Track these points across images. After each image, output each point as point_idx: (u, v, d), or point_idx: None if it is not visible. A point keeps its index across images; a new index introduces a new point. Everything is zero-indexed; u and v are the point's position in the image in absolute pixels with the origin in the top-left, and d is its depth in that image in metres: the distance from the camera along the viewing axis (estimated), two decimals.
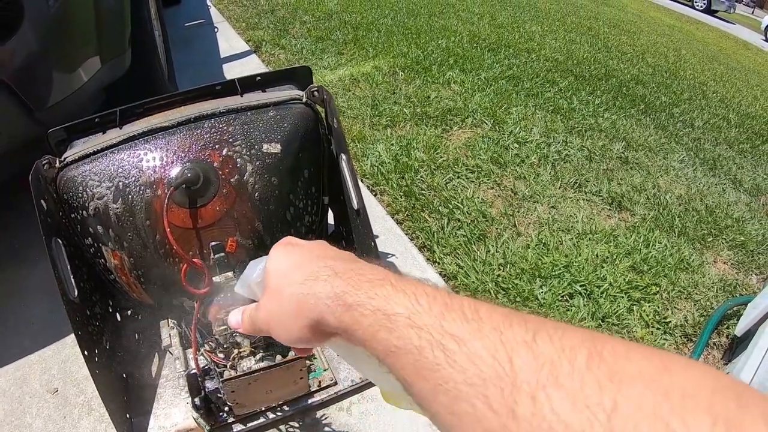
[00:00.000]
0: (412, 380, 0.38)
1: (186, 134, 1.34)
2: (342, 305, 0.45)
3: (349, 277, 0.47)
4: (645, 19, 11.79)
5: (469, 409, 0.33)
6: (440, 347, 0.36)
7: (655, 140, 3.71)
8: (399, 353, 0.39)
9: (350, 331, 0.44)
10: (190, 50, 4.31)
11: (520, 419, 0.30)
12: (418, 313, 0.40)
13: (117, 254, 1.33)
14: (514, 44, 5.49)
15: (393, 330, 0.40)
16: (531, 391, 0.31)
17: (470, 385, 0.33)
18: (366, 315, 0.43)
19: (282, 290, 0.52)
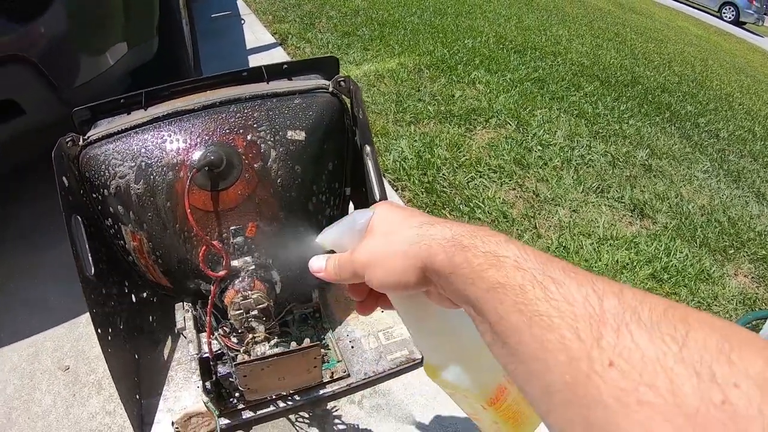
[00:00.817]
0: (508, 314, 0.42)
1: (211, 118, 1.33)
2: (457, 245, 0.49)
3: (465, 227, 0.51)
4: (672, 27, 11.70)
5: (559, 339, 0.37)
6: (541, 286, 0.41)
7: (680, 149, 3.67)
8: (502, 289, 0.43)
9: (458, 270, 0.48)
10: (216, 41, 4.33)
11: (604, 347, 0.34)
12: (524, 259, 0.45)
13: (136, 235, 1.33)
14: (540, 47, 5.46)
15: (500, 269, 0.44)
16: (616, 326, 0.35)
17: (563, 319, 0.38)
18: (477, 255, 0.47)
19: (395, 233, 0.56)
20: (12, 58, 1.51)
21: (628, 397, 0.32)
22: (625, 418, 0.32)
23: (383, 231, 0.58)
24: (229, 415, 1.36)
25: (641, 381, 0.32)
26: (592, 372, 0.34)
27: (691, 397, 0.30)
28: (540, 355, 0.39)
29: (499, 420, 0.71)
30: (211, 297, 1.19)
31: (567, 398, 0.36)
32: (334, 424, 1.40)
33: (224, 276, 1.19)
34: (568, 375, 0.36)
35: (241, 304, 1.16)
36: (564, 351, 0.37)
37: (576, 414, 0.35)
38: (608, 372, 0.33)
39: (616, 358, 0.34)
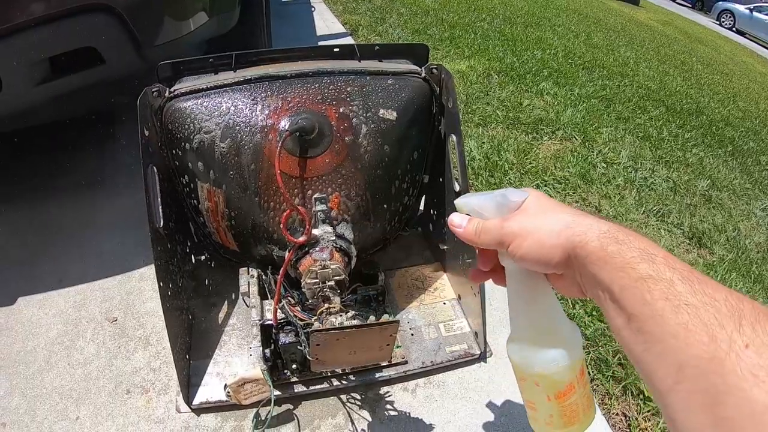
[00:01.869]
0: (654, 300, 0.48)
1: (304, 86, 1.32)
2: (612, 238, 0.55)
3: (617, 225, 0.57)
4: (738, 63, 11.51)
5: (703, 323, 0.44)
6: (689, 283, 0.47)
7: (740, 184, 3.59)
8: (651, 281, 0.49)
9: (609, 259, 0.53)
10: (287, 24, 4.39)
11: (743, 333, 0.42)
12: (673, 260, 0.51)
13: (213, 194, 1.33)
14: (608, 66, 5.40)
15: (652, 264, 0.50)
16: (752, 321, 0.42)
17: (707, 310, 0.44)
18: (631, 249, 0.52)
19: (549, 213, 0.63)
20: (100, 6, 1.52)
21: (760, 371, 0.39)
22: (755, 386, 0.39)
23: (537, 211, 0.64)
24: (282, 387, 1.34)
25: None
26: (731, 350, 0.41)
27: None
28: (682, 334, 0.45)
29: (555, 414, 0.76)
30: (285, 263, 1.18)
31: (702, 371, 0.42)
32: (385, 409, 1.38)
33: (304, 243, 1.18)
34: (706, 352, 0.42)
35: (319, 273, 1.15)
36: (707, 332, 0.43)
37: (708, 383, 0.42)
38: (745, 352, 0.40)
39: (752, 342, 0.41)
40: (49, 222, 1.91)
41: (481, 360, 1.52)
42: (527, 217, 0.64)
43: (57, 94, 1.61)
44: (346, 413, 1.37)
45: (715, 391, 0.41)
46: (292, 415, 1.34)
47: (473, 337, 1.54)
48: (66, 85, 1.60)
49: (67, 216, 1.94)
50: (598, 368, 1.60)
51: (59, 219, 1.93)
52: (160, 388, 1.39)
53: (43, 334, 1.52)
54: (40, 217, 1.93)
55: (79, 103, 1.78)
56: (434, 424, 1.36)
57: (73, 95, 1.66)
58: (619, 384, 1.55)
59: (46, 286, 1.67)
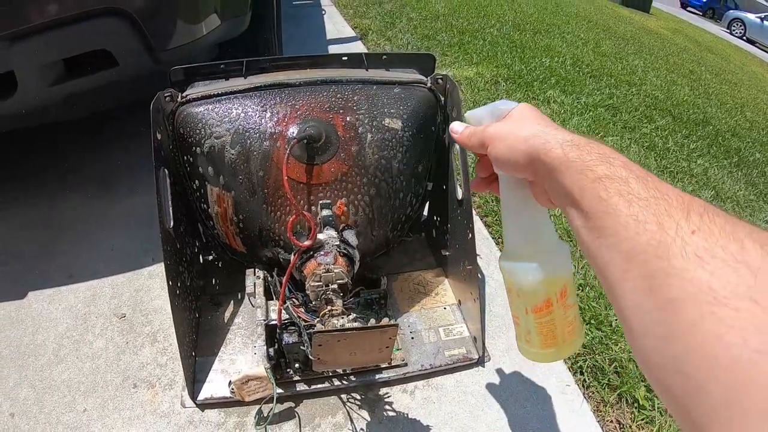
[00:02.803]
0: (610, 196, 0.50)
1: (312, 94, 1.36)
2: (574, 145, 0.57)
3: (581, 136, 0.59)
4: (747, 72, 11.49)
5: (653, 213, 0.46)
6: (643, 180, 0.50)
7: (744, 195, 3.60)
8: (608, 180, 0.51)
9: (570, 163, 0.56)
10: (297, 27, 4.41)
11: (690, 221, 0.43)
12: (630, 163, 0.53)
13: (222, 199, 1.37)
14: (615, 74, 5.40)
15: (610, 166, 0.52)
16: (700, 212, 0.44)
17: (658, 202, 0.46)
18: (591, 153, 0.55)
19: (525, 122, 0.67)
20: (114, 10, 1.56)
21: (704, 253, 0.40)
22: (699, 266, 0.39)
23: (518, 117, 0.69)
24: (284, 385, 1.38)
25: (717, 243, 0.40)
26: (677, 236, 0.42)
27: (755, 258, 0.38)
28: (632, 226, 0.46)
29: (532, 329, 0.79)
30: (290, 266, 1.22)
31: (649, 256, 0.44)
32: (384, 409, 1.41)
33: (309, 247, 1.21)
34: (654, 239, 0.44)
35: (323, 277, 1.18)
36: (656, 222, 0.45)
37: (654, 267, 0.43)
38: (691, 237, 0.42)
39: (699, 229, 0.42)
40: (60, 218, 1.95)
41: (479, 364, 1.55)
42: (507, 123, 0.69)
43: (70, 95, 1.65)
44: (345, 412, 1.40)
45: (661, 274, 0.42)
46: (293, 413, 1.38)
47: (472, 342, 1.57)
48: (79, 86, 1.65)
49: (78, 213, 1.98)
50: (594, 376, 1.63)
51: (71, 215, 1.96)
52: (165, 383, 1.42)
53: (53, 328, 1.55)
54: (52, 213, 1.97)
55: (91, 104, 1.81)
56: (432, 426, 1.39)
57: (86, 96, 1.70)
58: (614, 392, 1.57)
59: (56, 281, 1.70)
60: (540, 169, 0.61)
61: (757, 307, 0.35)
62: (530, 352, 0.82)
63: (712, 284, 0.38)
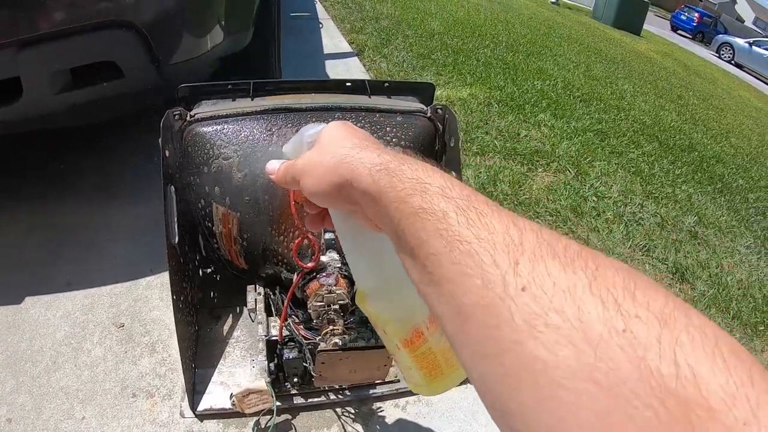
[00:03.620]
0: (430, 238, 0.43)
1: (318, 119, 1.41)
2: (383, 170, 0.50)
3: (394, 155, 0.52)
4: (734, 97, 11.63)
5: (477, 263, 0.38)
6: (464, 214, 0.42)
7: (726, 221, 3.68)
8: (425, 214, 0.44)
9: (381, 193, 0.49)
10: (294, 40, 4.43)
11: (519, 274, 0.36)
12: (450, 188, 0.45)
13: (227, 219, 1.41)
14: (605, 99, 5.51)
15: (425, 195, 0.45)
16: (532, 257, 0.36)
17: (481, 245, 0.39)
18: (403, 180, 0.48)
19: (328, 148, 0.58)
20: (122, 23, 1.60)
21: (536, 320, 0.33)
22: (532, 339, 0.33)
23: (322, 144, 0.60)
24: (282, 398, 1.42)
25: (551, 306, 0.33)
26: (506, 296, 0.36)
27: (596, 324, 0.32)
28: (457, 279, 0.40)
29: (411, 365, 0.72)
30: (293, 286, 1.26)
31: (479, 320, 0.37)
32: (377, 423, 1.46)
33: (312, 268, 1.26)
34: (482, 298, 0.37)
35: (325, 297, 1.23)
36: (480, 275, 0.38)
37: (486, 335, 0.37)
38: (521, 296, 0.35)
39: (529, 284, 0.35)
40: (61, 225, 1.97)
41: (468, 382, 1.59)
42: (314, 152, 0.61)
43: (75, 104, 1.68)
44: (340, 425, 1.44)
45: (493, 346, 0.37)
46: (290, 425, 1.42)
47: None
48: (85, 95, 1.68)
49: (78, 220, 2.00)
50: None
51: (71, 222, 1.98)
52: (164, 394, 1.45)
53: (50, 335, 1.57)
54: (53, 219, 1.99)
55: (95, 113, 1.86)
56: None
57: (90, 105, 1.73)
58: None
59: (54, 288, 1.71)
60: (355, 198, 0.55)
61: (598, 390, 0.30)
62: (419, 387, 0.76)
63: (548, 361, 0.32)
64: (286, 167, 0.65)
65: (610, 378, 0.30)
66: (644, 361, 0.29)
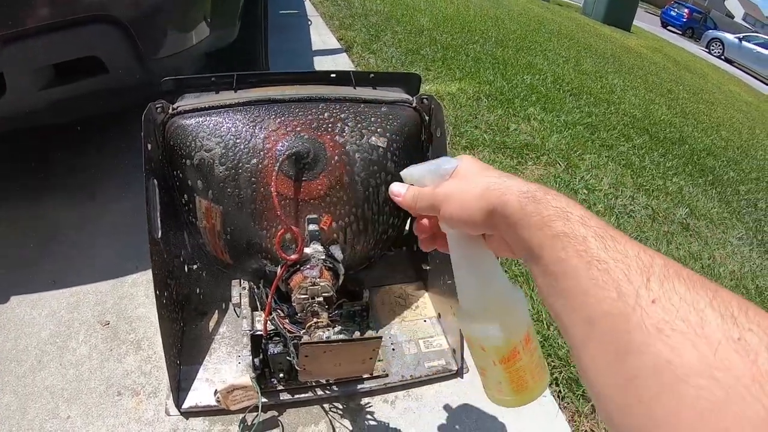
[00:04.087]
0: (569, 257, 0.50)
1: (301, 111, 1.39)
2: (531, 198, 0.56)
3: (538, 185, 0.58)
4: (724, 91, 11.67)
5: (613, 279, 0.45)
6: (601, 240, 0.49)
7: (718, 213, 3.67)
8: (566, 237, 0.51)
9: (528, 218, 0.56)
10: (283, 37, 4.42)
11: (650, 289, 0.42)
12: (588, 218, 0.52)
13: (211, 212, 1.39)
14: (595, 93, 5.50)
15: (567, 222, 0.52)
16: (661, 277, 0.43)
17: (617, 265, 0.46)
18: (548, 208, 0.54)
19: (474, 177, 0.66)
20: (105, 18, 1.58)
21: (665, 326, 0.40)
22: (660, 341, 0.39)
23: (466, 173, 0.67)
24: (268, 395, 1.40)
25: (678, 315, 0.40)
26: (638, 306, 0.42)
27: (715, 331, 0.38)
28: (592, 292, 0.46)
29: (503, 380, 0.77)
30: (277, 278, 1.24)
31: (610, 326, 0.44)
32: (365, 419, 1.44)
33: (296, 260, 1.24)
34: (615, 308, 0.44)
35: (309, 290, 1.21)
36: (615, 289, 0.44)
37: (616, 338, 0.43)
38: (651, 306, 0.41)
39: (659, 298, 0.42)
40: (45, 223, 1.94)
41: (458, 375, 1.58)
42: (455, 181, 0.68)
43: (59, 100, 1.66)
44: (328, 422, 1.42)
45: (622, 347, 0.43)
46: (276, 422, 1.40)
47: (451, 354, 1.60)
48: (69, 91, 1.65)
49: (63, 218, 1.97)
50: (569, 387, 1.67)
51: (56, 220, 1.96)
52: (150, 391, 1.43)
53: (36, 334, 1.54)
54: (37, 217, 1.96)
55: (80, 109, 1.83)
56: None
57: (75, 101, 1.71)
58: (589, 402, 1.61)
59: (39, 287, 1.69)
60: (499, 222, 0.61)
61: (716, 385, 0.36)
62: (504, 401, 0.81)
63: (672, 360, 0.38)
64: (420, 194, 0.72)
65: (727, 376, 0.35)
66: (755, 365, 0.35)
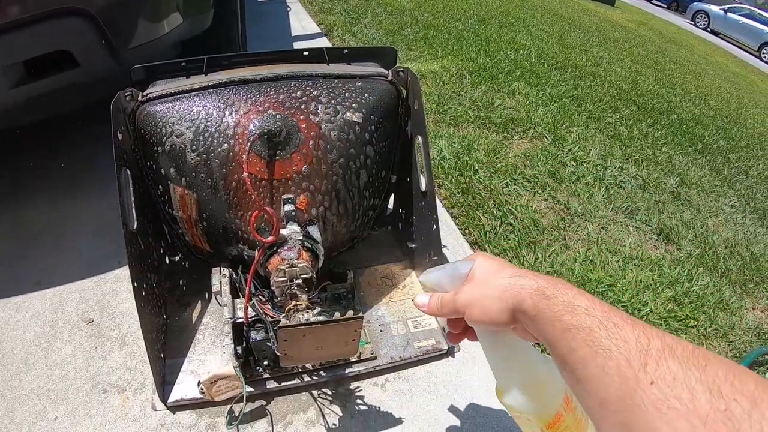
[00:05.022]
0: (579, 347, 0.59)
1: (272, 90, 1.35)
2: (541, 295, 0.67)
3: (547, 279, 0.69)
4: (711, 62, 11.68)
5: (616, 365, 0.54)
6: (605, 328, 0.58)
7: (709, 181, 3.66)
8: (575, 330, 0.60)
9: (541, 314, 0.66)
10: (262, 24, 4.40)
11: (648, 372, 0.51)
12: (592, 308, 0.61)
13: (185, 198, 1.35)
14: (580, 66, 5.48)
15: (575, 314, 0.62)
16: (657, 358, 0.52)
17: (620, 352, 0.54)
18: (557, 303, 0.64)
19: (490, 280, 0.75)
20: (75, 10, 1.54)
21: (662, 404, 0.48)
22: (658, 418, 0.48)
23: (482, 278, 0.77)
24: (254, 384, 1.37)
25: (672, 394, 0.48)
26: (638, 388, 0.50)
27: (704, 406, 0.46)
28: (601, 378, 0.55)
29: None
30: (255, 262, 1.21)
31: (618, 407, 0.52)
32: (355, 403, 1.41)
33: (272, 242, 1.20)
34: (620, 391, 0.52)
35: (287, 272, 1.17)
36: (618, 374, 0.53)
37: (624, 417, 0.51)
38: (650, 388, 0.50)
39: (656, 379, 0.50)
40: (26, 223, 1.91)
41: (448, 355, 1.56)
42: (473, 287, 0.78)
43: (32, 97, 1.62)
44: (317, 408, 1.40)
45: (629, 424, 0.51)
46: (264, 411, 1.37)
47: (441, 333, 1.58)
48: (41, 87, 1.61)
49: (44, 218, 1.94)
50: None
51: (37, 221, 1.93)
52: (136, 387, 1.41)
53: (21, 337, 1.52)
54: (18, 218, 1.93)
55: (55, 106, 1.78)
56: (404, 418, 1.40)
57: (48, 97, 1.67)
58: None
59: (23, 289, 1.67)
60: (519, 318, 0.71)
61: None
62: None
63: None
64: (443, 302, 0.83)
65: None
66: None
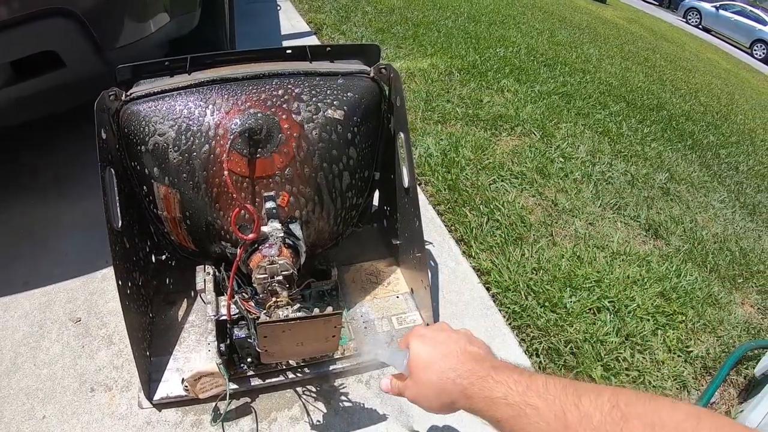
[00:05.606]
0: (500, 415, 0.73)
1: (254, 88, 1.36)
2: (465, 396, 0.80)
3: (467, 378, 0.80)
4: (702, 59, 11.71)
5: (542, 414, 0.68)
6: (525, 414, 0.69)
7: (698, 177, 3.66)
8: (503, 421, 0.73)
9: (472, 410, 0.80)
10: (252, 23, 4.40)
11: None
12: (510, 395, 0.72)
13: (169, 197, 1.36)
14: (570, 63, 5.48)
15: (497, 409, 0.74)
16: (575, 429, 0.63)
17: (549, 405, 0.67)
18: (479, 401, 0.77)
19: (423, 378, 0.86)
20: (60, 11, 1.54)
21: None
22: None
23: (417, 376, 0.88)
24: (238, 381, 1.39)
25: None
26: None
27: None
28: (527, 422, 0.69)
29: None
30: (236, 259, 1.22)
31: None
32: (339, 400, 1.43)
33: (253, 239, 1.21)
34: None
35: (267, 269, 1.18)
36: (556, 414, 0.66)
37: None
38: None
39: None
40: (13, 224, 1.92)
41: None
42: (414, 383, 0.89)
43: (19, 98, 1.62)
44: (302, 405, 1.41)
45: None
46: (249, 408, 1.38)
47: None
48: (27, 88, 1.62)
49: (31, 218, 1.95)
50: (550, 357, 1.66)
51: (24, 221, 1.93)
52: (122, 385, 1.42)
53: (9, 336, 1.53)
54: (5, 219, 1.94)
55: (42, 106, 1.79)
56: (388, 414, 1.41)
57: (34, 98, 1.67)
58: (571, 372, 1.61)
59: (11, 289, 1.67)
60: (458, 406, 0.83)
61: None
62: None
63: None
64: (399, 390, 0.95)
65: None
66: None
